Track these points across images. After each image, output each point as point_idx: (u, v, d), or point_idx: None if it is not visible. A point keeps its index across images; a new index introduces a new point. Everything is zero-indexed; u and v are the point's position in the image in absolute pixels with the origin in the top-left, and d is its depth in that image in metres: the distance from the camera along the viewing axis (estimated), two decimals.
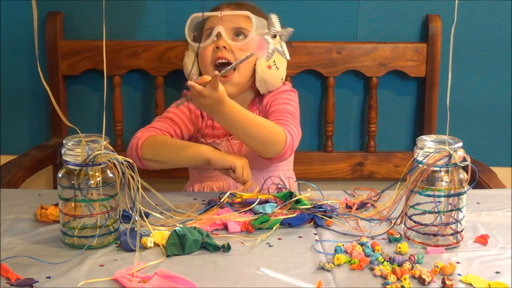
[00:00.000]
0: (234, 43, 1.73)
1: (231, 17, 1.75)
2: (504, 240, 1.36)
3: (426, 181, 1.31)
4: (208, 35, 1.77)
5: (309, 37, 2.13)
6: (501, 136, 2.23)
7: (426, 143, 1.32)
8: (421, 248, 1.32)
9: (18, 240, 1.34)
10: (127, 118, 2.18)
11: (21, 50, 2.17)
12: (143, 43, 2.12)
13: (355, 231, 1.39)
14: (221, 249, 1.30)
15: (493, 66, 2.18)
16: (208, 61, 1.75)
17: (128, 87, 2.19)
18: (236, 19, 1.75)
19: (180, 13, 2.14)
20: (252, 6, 1.80)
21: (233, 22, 1.75)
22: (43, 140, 2.20)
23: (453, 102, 2.03)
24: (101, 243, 1.31)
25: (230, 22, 1.75)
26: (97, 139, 1.30)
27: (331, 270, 1.23)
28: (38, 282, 1.17)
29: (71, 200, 1.30)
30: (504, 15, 2.14)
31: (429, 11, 2.14)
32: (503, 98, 2.20)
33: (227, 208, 1.45)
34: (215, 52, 1.74)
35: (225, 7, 1.79)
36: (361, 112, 2.22)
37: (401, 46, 2.13)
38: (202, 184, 1.81)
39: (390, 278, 1.18)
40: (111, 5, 2.12)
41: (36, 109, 2.21)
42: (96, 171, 1.29)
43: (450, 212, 1.32)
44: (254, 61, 1.76)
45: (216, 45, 1.73)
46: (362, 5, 2.14)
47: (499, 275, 1.21)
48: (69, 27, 2.14)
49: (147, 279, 1.17)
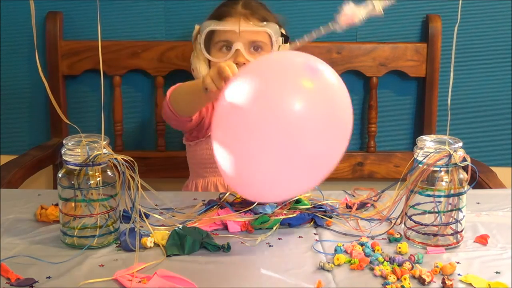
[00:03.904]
0: (252, 59, 1.72)
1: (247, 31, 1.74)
2: (504, 240, 1.36)
3: (426, 181, 1.31)
4: (221, 47, 1.76)
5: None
6: (501, 136, 2.23)
7: (426, 143, 1.32)
8: (421, 248, 1.32)
9: (18, 240, 1.33)
10: (127, 118, 2.18)
11: (21, 50, 2.17)
12: (143, 43, 2.12)
13: (355, 231, 1.39)
14: (221, 249, 1.30)
15: (493, 66, 2.18)
16: None
17: (128, 87, 2.19)
18: (252, 32, 1.74)
19: (180, 13, 2.14)
20: (261, 5, 1.79)
21: (250, 37, 1.74)
22: (43, 140, 2.20)
23: (453, 102, 2.01)
24: (101, 243, 1.31)
25: (247, 36, 1.74)
26: (97, 139, 1.30)
27: (331, 270, 1.23)
28: (38, 282, 1.17)
29: (71, 200, 1.30)
30: (504, 15, 2.14)
31: (429, 11, 2.14)
32: (503, 98, 2.20)
33: (227, 208, 1.45)
34: None
35: (238, 15, 1.75)
36: (361, 112, 2.22)
37: (401, 46, 2.13)
38: (206, 179, 1.81)
39: (390, 278, 1.18)
40: (111, 5, 2.12)
41: (36, 109, 2.21)
42: (96, 171, 1.29)
43: (450, 212, 1.32)
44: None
45: (235, 62, 1.70)
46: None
47: (499, 275, 1.21)
48: (69, 27, 2.14)
49: (147, 279, 1.17)
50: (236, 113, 1.18)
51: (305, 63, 1.22)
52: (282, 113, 1.15)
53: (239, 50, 1.72)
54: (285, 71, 1.20)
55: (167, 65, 2.12)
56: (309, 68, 1.20)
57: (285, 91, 1.17)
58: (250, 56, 1.73)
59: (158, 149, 2.17)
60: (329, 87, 1.22)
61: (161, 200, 1.45)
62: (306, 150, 1.16)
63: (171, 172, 2.14)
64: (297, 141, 1.15)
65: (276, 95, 1.16)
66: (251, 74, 1.23)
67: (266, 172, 1.18)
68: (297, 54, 1.26)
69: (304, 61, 1.22)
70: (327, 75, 1.22)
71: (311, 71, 1.20)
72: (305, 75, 1.19)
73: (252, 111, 1.16)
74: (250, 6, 1.78)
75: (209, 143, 1.77)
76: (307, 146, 1.16)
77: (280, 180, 1.20)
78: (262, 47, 1.76)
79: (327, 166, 1.23)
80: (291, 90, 1.17)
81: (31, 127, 2.23)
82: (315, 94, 1.18)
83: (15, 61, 2.18)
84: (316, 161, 1.20)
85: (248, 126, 1.16)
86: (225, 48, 1.76)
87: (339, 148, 1.23)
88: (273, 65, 1.24)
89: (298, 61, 1.22)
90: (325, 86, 1.21)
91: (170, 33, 2.16)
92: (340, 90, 1.23)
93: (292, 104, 1.15)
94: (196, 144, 1.82)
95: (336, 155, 1.23)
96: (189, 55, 2.05)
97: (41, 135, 2.22)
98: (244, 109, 1.16)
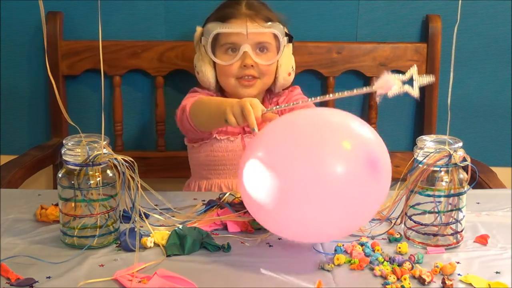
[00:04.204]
0: (260, 61, 1.73)
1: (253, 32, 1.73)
2: (504, 240, 1.36)
3: (426, 181, 1.31)
4: (227, 49, 1.75)
5: (309, 37, 2.13)
6: (501, 136, 2.23)
7: (426, 143, 1.32)
8: (421, 248, 1.32)
9: (18, 240, 1.33)
10: (127, 118, 2.18)
11: (21, 50, 2.17)
12: (143, 43, 2.12)
13: (355, 231, 1.39)
14: (221, 249, 1.30)
15: (493, 66, 2.18)
16: (232, 76, 1.75)
17: (128, 87, 2.19)
18: (258, 33, 1.74)
19: (180, 13, 2.14)
20: (263, 5, 1.79)
21: (256, 38, 1.74)
22: (43, 140, 2.20)
23: (453, 102, 2.01)
24: (101, 243, 1.31)
25: (253, 37, 1.73)
26: (97, 139, 1.30)
27: (331, 270, 1.23)
28: (38, 282, 1.17)
29: (71, 200, 1.30)
30: (504, 15, 2.14)
31: (429, 11, 2.14)
32: (503, 98, 2.20)
33: (227, 208, 1.45)
34: (241, 69, 1.73)
35: (243, 16, 1.74)
36: (361, 112, 2.21)
37: (401, 46, 2.13)
38: (210, 181, 1.80)
39: (390, 278, 1.18)
40: (111, 5, 2.12)
41: (36, 109, 2.21)
42: (96, 171, 1.29)
43: (450, 212, 1.32)
44: (275, 68, 1.77)
45: (243, 64, 1.72)
46: (362, 5, 2.14)
47: (499, 275, 1.21)
48: (69, 27, 2.14)
49: (147, 279, 1.17)
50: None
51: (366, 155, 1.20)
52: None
53: (247, 52, 1.72)
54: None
55: (167, 65, 2.12)
56: (369, 162, 1.19)
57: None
58: (257, 57, 1.73)
59: (158, 149, 2.17)
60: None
61: (161, 200, 1.45)
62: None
63: (171, 172, 2.14)
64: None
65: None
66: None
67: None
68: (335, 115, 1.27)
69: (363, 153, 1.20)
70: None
71: (372, 165, 1.19)
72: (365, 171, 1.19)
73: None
74: (253, 6, 1.77)
75: (214, 144, 1.77)
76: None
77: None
78: (267, 47, 1.76)
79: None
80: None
81: (31, 127, 2.23)
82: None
83: (15, 61, 2.18)
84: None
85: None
86: (231, 50, 1.75)
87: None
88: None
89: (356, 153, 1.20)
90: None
91: (170, 33, 2.15)
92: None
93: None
94: (200, 145, 1.81)
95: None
96: (189, 55, 2.05)
97: (41, 135, 2.22)
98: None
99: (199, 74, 1.81)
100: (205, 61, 1.79)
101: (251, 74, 1.74)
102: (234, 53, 1.75)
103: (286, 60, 1.80)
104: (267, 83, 1.79)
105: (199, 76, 1.81)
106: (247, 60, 1.73)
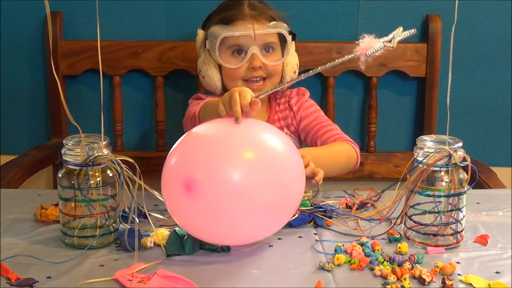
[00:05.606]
0: (269, 62, 1.70)
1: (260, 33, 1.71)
2: (504, 240, 1.36)
3: (426, 181, 1.31)
4: (233, 51, 1.71)
5: (309, 37, 2.13)
6: (501, 136, 2.23)
7: (426, 143, 1.32)
8: (421, 248, 1.32)
9: (18, 240, 1.34)
10: (127, 118, 2.18)
11: (21, 50, 2.17)
12: (143, 43, 2.12)
13: (355, 231, 1.39)
14: (221, 249, 1.30)
15: (493, 66, 2.18)
16: (239, 78, 1.72)
17: (128, 87, 2.19)
18: (264, 34, 1.71)
19: (180, 13, 2.14)
20: (264, 4, 1.78)
21: (263, 39, 1.71)
22: (43, 140, 2.20)
23: (453, 102, 2.02)
24: (101, 243, 1.31)
25: (261, 38, 1.70)
26: (97, 140, 1.30)
27: (331, 270, 1.23)
28: (38, 282, 1.17)
29: (71, 200, 1.30)
30: (504, 15, 2.14)
31: (429, 11, 2.14)
32: (503, 98, 2.20)
33: None
34: (249, 71, 1.70)
35: (247, 18, 1.71)
36: (361, 112, 2.22)
37: (401, 46, 2.12)
38: None
39: (390, 278, 1.19)
40: (111, 5, 2.12)
41: (35, 109, 2.21)
42: (96, 171, 1.29)
43: (450, 212, 1.32)
44: (281, 67, 1.76)
45: (251, 66, 1.69)
46: (362, 5, 2.14)
47: (499, 275, 1.21)
48: (69, 27, 2.14)
49: (147, 279, 1.17)
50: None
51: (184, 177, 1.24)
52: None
53: (255, 53, 1.69)
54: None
55: (167, 65, 2.12)
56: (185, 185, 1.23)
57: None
58: (264, 59, 1.70)
59: (158, 149, 2.17)
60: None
61: (161, 200, 1.45)
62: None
63: None
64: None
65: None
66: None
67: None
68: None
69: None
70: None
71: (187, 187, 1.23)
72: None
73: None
74: (255, 6, 1.75)
75: None
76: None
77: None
78: (273, 47, 1.74)
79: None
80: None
81: (31, 127, 2.23)
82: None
83: (15, 61, 2.18)
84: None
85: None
86: (237, 53, 1.71)
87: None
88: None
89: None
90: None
91: (170, 33, 2.16)
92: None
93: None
94: None
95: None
96: (189, 55, 2.05)
97: (41, 135, 2.23)
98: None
99: (205, 78, 1.76)
100: (210, 65, 1.75)
101: (259, 76, 1.71)
102: (239, 55, 1.71)
103: (291, 58, 1.79)
104: (275, 82, 1.76)
105: (205, 80, 1.77)
106: (255, 62, 1.69)
